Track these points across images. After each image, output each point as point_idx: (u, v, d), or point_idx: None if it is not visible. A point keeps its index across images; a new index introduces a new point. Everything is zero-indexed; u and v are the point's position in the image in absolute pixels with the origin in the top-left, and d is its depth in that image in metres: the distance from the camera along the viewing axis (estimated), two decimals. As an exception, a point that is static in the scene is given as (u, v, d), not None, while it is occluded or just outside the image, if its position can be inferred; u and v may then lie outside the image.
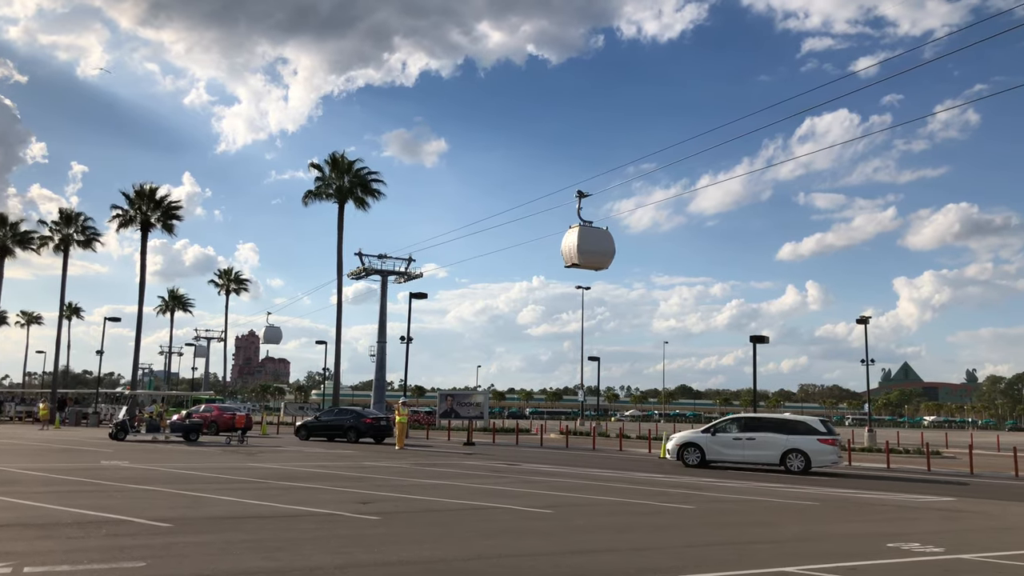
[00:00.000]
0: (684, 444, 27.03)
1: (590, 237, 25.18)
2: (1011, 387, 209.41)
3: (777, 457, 25.29)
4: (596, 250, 25.30)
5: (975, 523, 14.41)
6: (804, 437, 25.26)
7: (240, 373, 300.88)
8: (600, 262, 25.83)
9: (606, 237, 25.60)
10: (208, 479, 18.01)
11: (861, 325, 51.09)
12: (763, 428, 26.13)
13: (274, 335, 73.95)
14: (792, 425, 26.11)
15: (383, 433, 38.00)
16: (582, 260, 25.00)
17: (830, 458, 25.24)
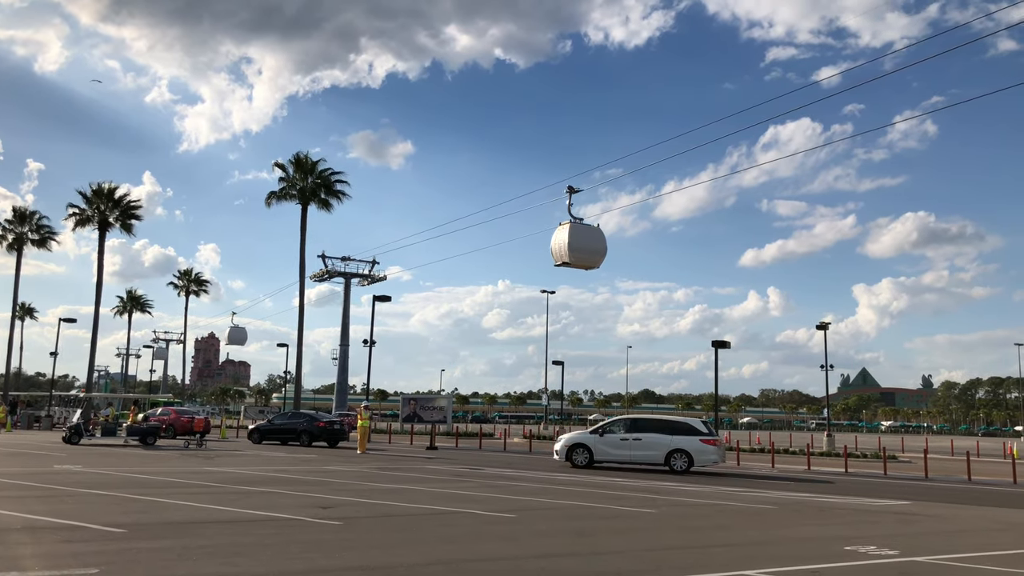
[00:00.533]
0: (573, 445, 27.21)
1: (581, 235, 24.19)
2: (964, 392, 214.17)
3: (662, 457, 26.04)
4: (587, 248, 24.35)
5: (929, 526, 14.68)
6: (687, 438, 26.13)
7: (199, 376, 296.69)
8: (591, 261, 24.86)
9: (598, 235, 24.71)
10: (165, 483, 17.71)
11: (821, 331, 51.87)
12: (649, 429, 26.85)
13: (239, 336, 72.31)
14: (676, 426, 27.02)
15: (337, 437, 37.73)
16: (573, 259, 24.05)
17: (711, 458, 26.22)
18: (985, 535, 13.80)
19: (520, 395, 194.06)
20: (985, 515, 16.78)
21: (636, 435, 26.46)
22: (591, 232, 24.52)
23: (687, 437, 26.15)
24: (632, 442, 26.40)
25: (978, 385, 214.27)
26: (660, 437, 26.29)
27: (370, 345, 49.69)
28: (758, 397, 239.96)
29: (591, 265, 25.04)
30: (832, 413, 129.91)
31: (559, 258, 24.13)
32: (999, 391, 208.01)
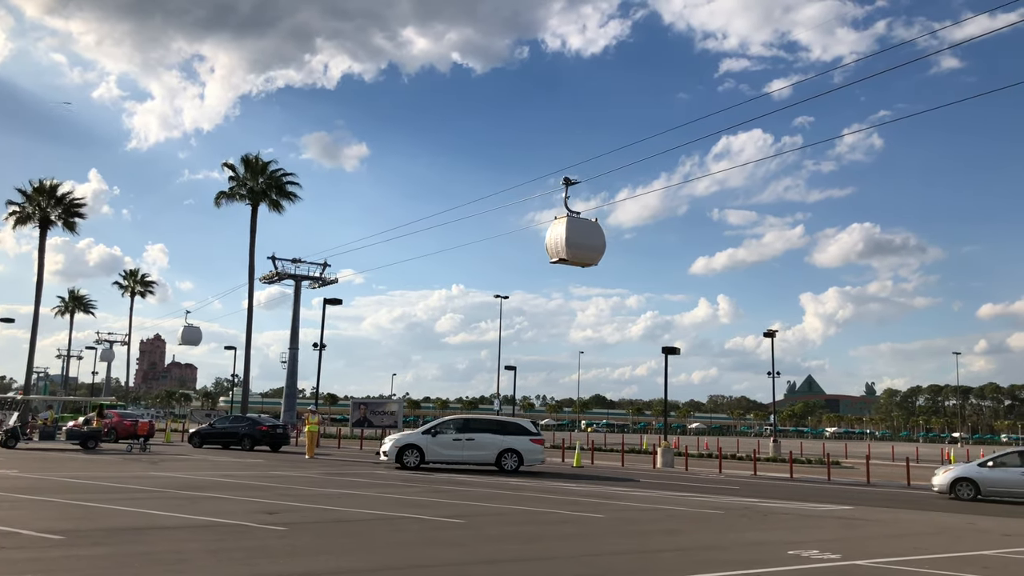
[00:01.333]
0: (404, 446, 26.92)
1: (580, 230, 22.50)
2: (906, 400, 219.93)
3: (493, 457, 26.42)
4: (586, 244, 22.68)
5: (871, 530, 15.03)
6: (518, 437, 26.73)
7: (144, 379, 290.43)
8: (590, 257, 23.20)
9: (596, 230, 23.02)
10: (106, 488, 17.27)
11: (768, 338, 52.83)
12: (481, 429, 27.16)
13: (193, 336, 69.12)
14: (507, 426, 27.62)
15: (279, 441, 37.30)
16: (571, 255, 22.41)
17: (539, 457, 26.95)
18: (922, 538, 14.18)
19: (472, 400, 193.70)
20: (923, 519, 17.24)
21: (468, 435, 26.63)
22: (589, 227, 22.86)
23: (518, 437, 26.73)
24: (465, 442, 26.52)
25: (918, 393, 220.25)
26: (492, 437, 26.65)
27: (320, 348, 49.15)
28: (707, 403, 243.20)
29: (589, 262, 23.47)
30: (778, 419, 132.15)
31: (555, 254, 22.55)
32: (938, 398, 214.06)
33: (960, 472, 23.79)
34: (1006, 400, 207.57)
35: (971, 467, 24.06)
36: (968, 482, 23.27)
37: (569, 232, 22.18)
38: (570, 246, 22.19)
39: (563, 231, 22.23)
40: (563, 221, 22.41)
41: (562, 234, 22.23)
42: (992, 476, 23.13)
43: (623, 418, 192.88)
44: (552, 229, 22.73)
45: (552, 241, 22.62)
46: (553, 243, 22.58)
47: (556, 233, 22.50)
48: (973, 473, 23.44)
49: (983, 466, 23.71)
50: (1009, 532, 15.26)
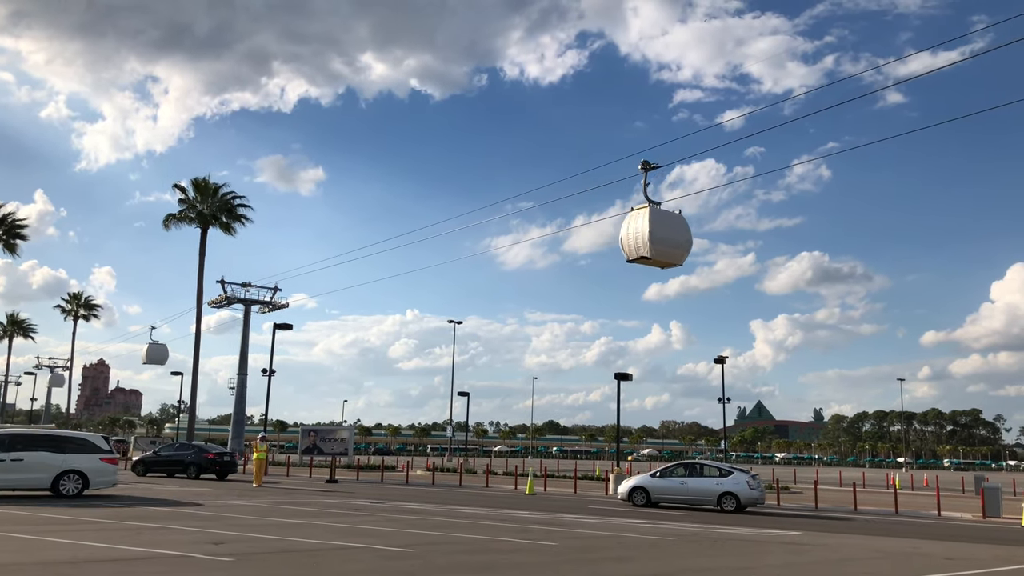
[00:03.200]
0: None
1: (665, 222, 19.16)
2: (852, 425, 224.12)
3: (49, 480, 22.33)
4: (672, 239, 19.26)
5: (817, 555, 15.23)
6: (83, 456, 23.00)
7: (87, 405, 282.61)
8: (675, 255, 19.72)
9: (682, 223, 19.73)
10: (44, 520, 16.69)
11: (719, 365, 53.48)
12: (32, 446, 22.57)
13: (159, 354, 65.44)
14: (68, 442, 23.43)
15: (227, 469, 36.60)
16: (655, 252, 18.92)
17: (110, 479, 23.52)
18: (867, 563, 14.41)
19: (425, 426, 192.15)
20: (868, 544, 17.53)
21: (15, 455, 21.93)
22: (674, 220, 19.56)
23: (83, 456, 22.96)
24: (10, 463, 21.77)
25: (864, 418, 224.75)
26: (47, 456, 22.38)
27: (269, 374, 48.39)
28: (659, 429, 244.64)
29: (674, 261, 19.86)
30: (729, 445, 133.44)
31: (634, 252, 19.10)
32: (883, 424, 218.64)
33: (636, 482, 28.18)
34: (948, 425, 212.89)
35: (644, 478, 28.43)
36: (641, 490, 27.64)
37: (653, 225, 18.93)
38: (655, 241, 18.89)
39: (645, 224, 18.93)
40: (644, 212, 19.09)
41: (644, 228, 18.94)
42: (659, 485, 27.57)
43: (577, 444, 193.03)
44: (630, 222, 19.37)
45: (631, 236, 19.24)
46: (632, 238, 19.20)
47: (636, 227, 19.15)
48: (645, 483, 27.88)
49: (653, 477, 28.11)
50: (951, 556, 15.59)
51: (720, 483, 26.76)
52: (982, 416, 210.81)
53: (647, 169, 20.04)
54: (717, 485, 26.74)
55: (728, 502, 26.30)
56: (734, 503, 26.20)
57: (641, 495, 27.49)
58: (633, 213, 19.38)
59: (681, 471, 27.98)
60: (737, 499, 26.24)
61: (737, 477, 26.85)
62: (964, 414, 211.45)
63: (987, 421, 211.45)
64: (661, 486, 27.50)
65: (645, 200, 19.39)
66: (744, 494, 26.32)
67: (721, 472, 27.29)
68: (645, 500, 27.32)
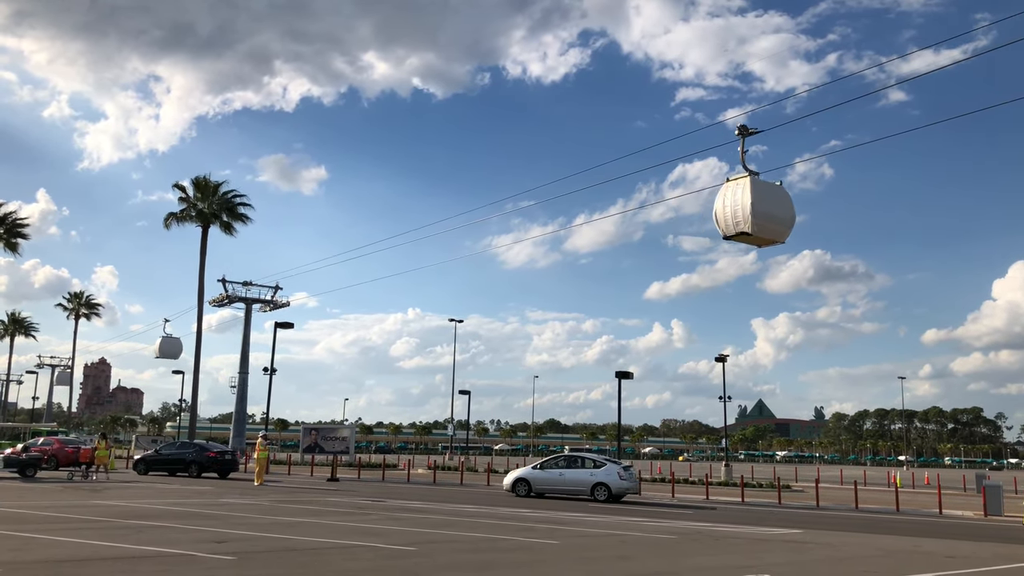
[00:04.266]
0: None
1: (767, 195, 16.94)
2: (853, 424, 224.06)
3: None
4: (775, 214, 16.99)
5: (819, 554, 15.23)
6: None
7: (88, 404, 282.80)
8: (779, 232, 17.44)
9: (784, 197, 17.51)
10: (45, 518, 16.71)
11: (720, 363, 53.49)
12: None
13: (172, 348, 61.83)
14: None
15: (228, 468, 36.61)
16: (757, 227, 16.65)
17: None
18: (869, 561, 14.41)
19: (426, 425, 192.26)
20: (870, 542, 17.53)
21: None
22: (778, 193, 17.31)
23: None
24: None
25: (865, 417, 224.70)
26: None
27: (271, 373, 48.43)
28: (660, 427, 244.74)
29: (776, 239, 17.60)
30: (730, 443, 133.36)
31: (732, 227, 16.86)
32: (884, 422, 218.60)
33: (519, 474, 29.75)
34: (949, 424, 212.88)
35: (527, 470, 29.98)
36: (524, 482, 29.18)
37: (755, 197, 16.71)
38: (757, 216, 16.61)
39: (747, 196, 16.76)
40: (744, 183, 16.92)
41: (745, 200, 16.73)
42: (540, 476, 29.13)
43: (578, 442, 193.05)
44: (727, 194, 17.14)
45: (728, 210, 17.04)
46: (730, 212, 16.98)
47: (735, 199, 16.95)
48: (527, 474, 29.43)
49: (535, 469, 29.68)
50: (952, 554, 15.59)
51: (594, 474, 28.45)
52: (983, 414, 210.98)
53: (745, 135, 17.62)
54: (591, 476, 28.39)
55: (600, 491, 27.91)
56: (606, 492, 27.81)
57: (523, 486, 29.14)
58: (730, 184, 17.04)
59: (560, 463, 29.76)
60: (609, 489, 27.87)
61: (609, 468, 28.56)
62: (965, 412, 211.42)
63: (988, 419, 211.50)
64: (542, 477, 29.15)
65: (743, 169, 17.05)
66: (615, 484, 27.98)
67: (595, 464, 29.19)
68: (527, 491, 28.94)
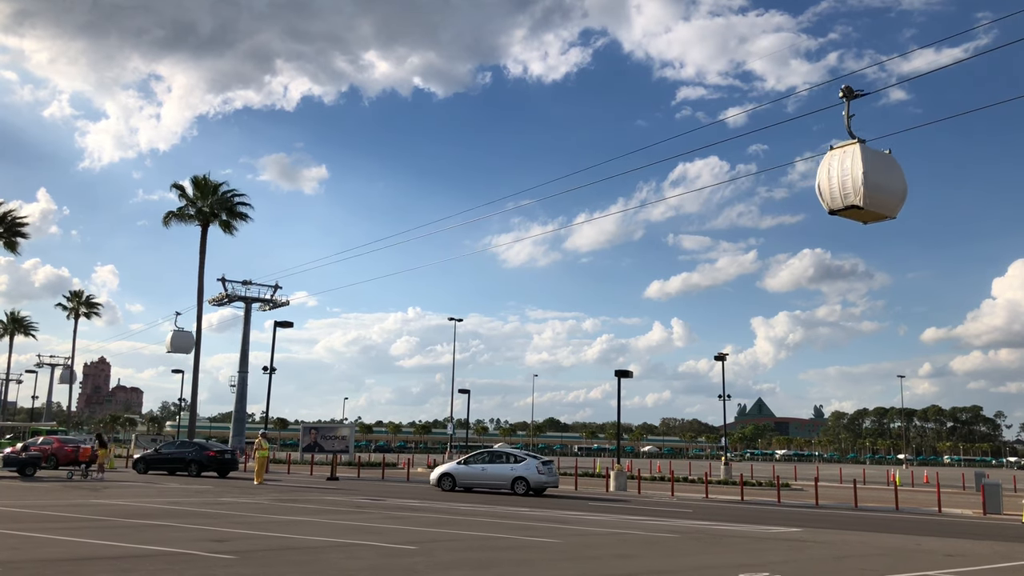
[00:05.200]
0: None
1: (879, 164, 14.96)
2: (852, 422, 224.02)
3: None
4: (889, 186, 15.06)
5: (818, 552, 15.23)
6: None
7: (88, 403, 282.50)
8: (891, 207, 15.40)
9: (896, 167, 15.47)
10: (44, 517, 16.70)
11: (720, 362, 53.48)
12: None
13: (184, 341, 59.26)
14: None
15: (227, 467, 36.62)
16: (869, 200, 14.63)
17: None
18: (868, 559, 14.41)
19: (425, 424, 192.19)
20: (869, 540, 17.52)
21: None
22: (888, 163, 15.30)
23: None
24: None
25: (865, 415, 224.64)
26: None
27: (270, 372, 48.39)
28: (659, 426, 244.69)
29: (889, 213, 15.51)
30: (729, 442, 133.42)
31: (840, 200, 14.86)
32: (884, 421, 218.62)
33: (444, 469, 30.91)
34: (948, 422, 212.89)
35: (451, 465, 31.18)
36: (449, 476, 30.31)
37: (868, 166, 14.72)
38: (870, 187, 14.63)
39: (858, 164, 14.76)
40: (853, 150, 14.89)
41: (856, 170, 14.74)
42: (464, 471, 30.18)
43: (578, 441, 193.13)
44: (832, 164, 15.12)
45: (835, 181, 15.04)
46: (838, 183, 14.98)
47: (844, 169, 14.98)
48: (452, 469, 30.62)
49: (460, 464, 30.72)
50: (951, 553, 15.59)
51: (514, 469, 29.47)
52: (982, 413, 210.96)
53: (850, 97, 15.68)
54: (511, 471, 29.45)
55: (520, 485, 29.02)
56: (525, 486, 28.94)
57: (448, 480, 30.23)
58: (835, 152, 15.15)
59: (484, 458, 30.71)
60: (528, 483, 29.00)
61: (529, 463, 29.51)
62: (964, 411, 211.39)
63: (987, 418, 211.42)
64: (465, 472, 30.22)
65: (849, 136, 15.20)
66: (533, 478, 29.08)
67: (516, 459, 30.05)
68: (452, 485, 30.01)
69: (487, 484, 29.90)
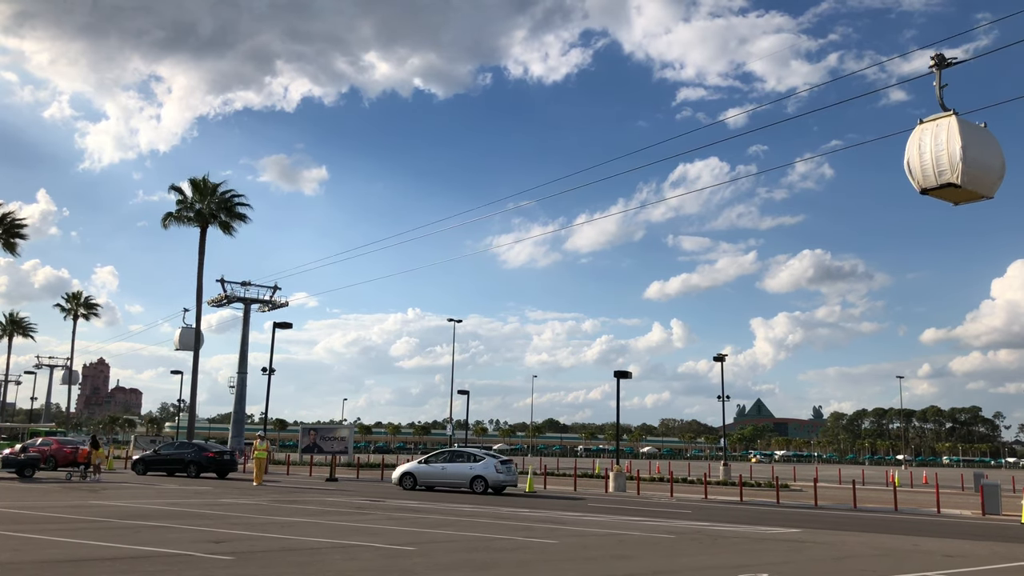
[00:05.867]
0: None
1: (977, 138, 13.31)
2: (851, 423, 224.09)
3: None
4: (987, 162, 13.37)
5: (818, 553, 15.23)
6: None
7: (87, 404, 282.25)
8: (989, 186, 13.63)
9: (994, 142, 13.72)
10: (43, 519, 16.69)
11: (719, 362, 53.46)
12: None
13: (191, 339, 56.50)
14: None
15: (226, 468, 36.60)
16: (968, 178, 13.05)
17: None
18: (867, 560, 14.41)
19: (425, 425, 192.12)
20: (868, 541, 17.53)
21: None
22: (986, 138, 13.58)
23: None
24: None
25: (864, 416, 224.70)
26: None
27: (269, 373, 48.37)
28: (658, 426, 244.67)
29: (986, 193, 13.78)
30: (728, 443, 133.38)
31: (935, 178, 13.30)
32: (883, 421, 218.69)
33: (405, 468, 31.55)
34: (947, 423, 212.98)
35: (413, 464, 31.87)
36: (410, 475, 30.88)
37: (966, 140, 13.13)
38: (969, 163, 13.05)
39: (955, 139, 13.17)
40: (948, 123, 13.30)
41: (953, 144, 13.17)
42: (425, 470, 30.90)
43: (577, 442, 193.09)
44: (923, 139, 13.53)
45: (927, 156, 13.51)
46: (931, 159, 13.44)
47: (938, 143, 13.41)
48: (413, 468, 31.29)
49: (421, 463, 31.48)
50: (950, 553, 15.60)
51: (473, 468, 30.00)
52: (981, 413, 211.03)
53: (941, 67, 14.15)
54: (470, 469, 29.97)
55: (478, 484, 29.57)
56: (483, 484, 29.48)
57: (409, 479, 30.77)
58: (926, 125, 13.53)
59: (444, 457, 31.37)
60: (486, 481, 29.54)
61: (487, 463, 30.06)
62: (963, 411, 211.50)
63: (986, 418, 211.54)
64: (426, 471, 30.86)
65: (940, 108, 13.64)
66: (491, 477, 29.62)
67: (475, 458, 30.62)
68: (413, 484, 30.60)
69: (447, 483, 30.44)
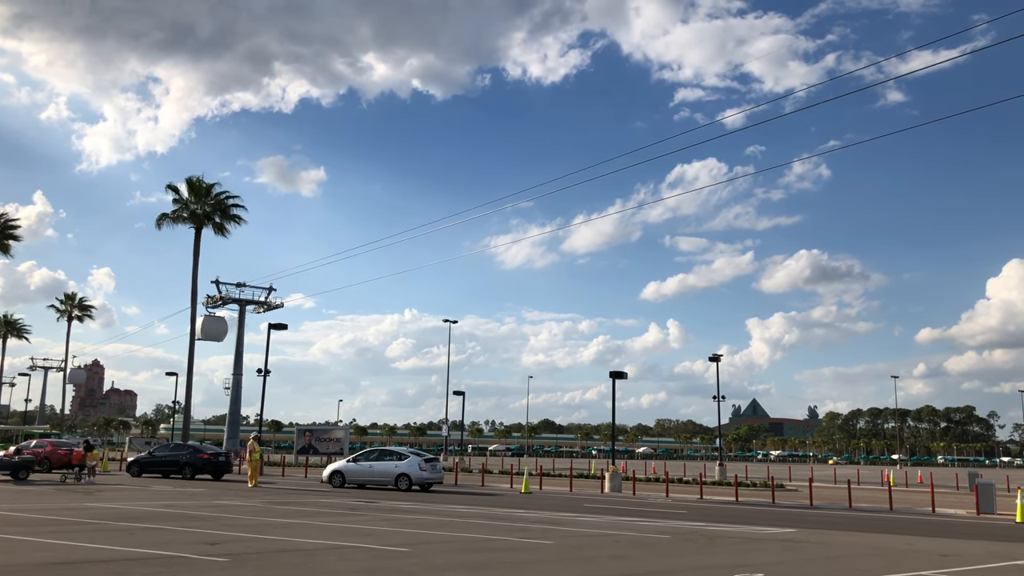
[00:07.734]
0: None
1: None
2: (847, 423, 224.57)
3: None
4: None
5: (813, 552, 15.26)
6: None
7: (82, 406, 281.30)
8: None
9: None
10: (37, 521, 16.64)
11: (714, 363, 53.51)
12: None
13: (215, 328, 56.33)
14: None
15: (222, 469, 36.54)
16: None
17: None
18: (862, 560, 14.44)
19: (420, 426, 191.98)
20: (863, 541, 17.56)
21: None
22: None
23: None
24: None
25: (859, 416, 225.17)
26: None
27: (264, 374, 48.26)
28: (654, 427, 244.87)
29: None
30: (724, 443, 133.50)
31: None
32: (878, 421, 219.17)
33: (335, 467, 32.50)
34: (942, 422, 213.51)
35: (342, 463, 32.80)
36: (339, 473, 31.83)
37: None
38: None
39: None
40: None
41: None
42: (353, 468, 31.81)
43: (573, 443, 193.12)
44: None
45: None
46: None
47: None
48: (342, 467, 32.23)
49: (349, 462, 32.32)
50: (945, 553, 15.63)
51: (398, 466, 30.91)
52: (976, 413, 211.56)
53: None
54: (395, 467, 30.90)
55: (403, 481, 30.45)
56: (407, 482, 30.40)
57: (338, 477, 31.68)
58: None
59: (371, 456, 32.39)
60: (410, 479, 30.49)
61: (412, 461, 30.97)
62: (958, 411, 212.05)
63: (981, 418, 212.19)
64: (354, 469, 31.79)
65: None
66: (415, 475, 30.58)
67: (400, 457, 31.55)
68: (341, 482, 31.50)
69: (374, 480, 31.23)
